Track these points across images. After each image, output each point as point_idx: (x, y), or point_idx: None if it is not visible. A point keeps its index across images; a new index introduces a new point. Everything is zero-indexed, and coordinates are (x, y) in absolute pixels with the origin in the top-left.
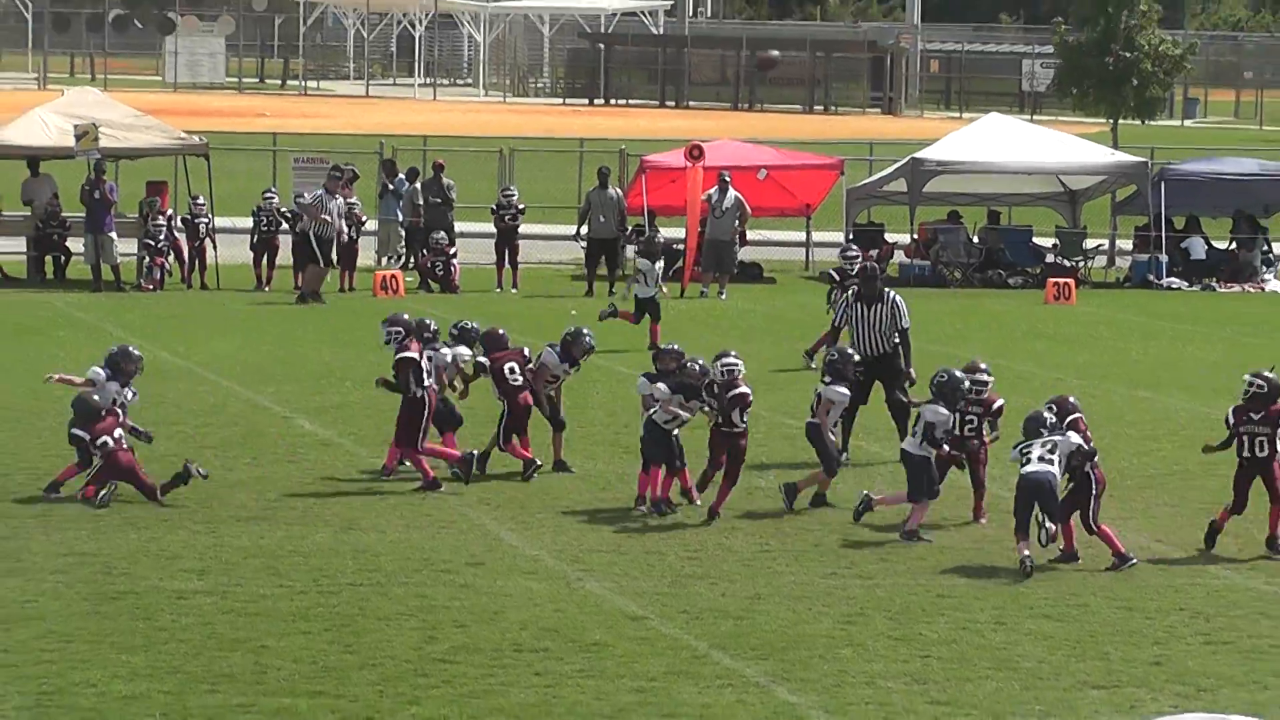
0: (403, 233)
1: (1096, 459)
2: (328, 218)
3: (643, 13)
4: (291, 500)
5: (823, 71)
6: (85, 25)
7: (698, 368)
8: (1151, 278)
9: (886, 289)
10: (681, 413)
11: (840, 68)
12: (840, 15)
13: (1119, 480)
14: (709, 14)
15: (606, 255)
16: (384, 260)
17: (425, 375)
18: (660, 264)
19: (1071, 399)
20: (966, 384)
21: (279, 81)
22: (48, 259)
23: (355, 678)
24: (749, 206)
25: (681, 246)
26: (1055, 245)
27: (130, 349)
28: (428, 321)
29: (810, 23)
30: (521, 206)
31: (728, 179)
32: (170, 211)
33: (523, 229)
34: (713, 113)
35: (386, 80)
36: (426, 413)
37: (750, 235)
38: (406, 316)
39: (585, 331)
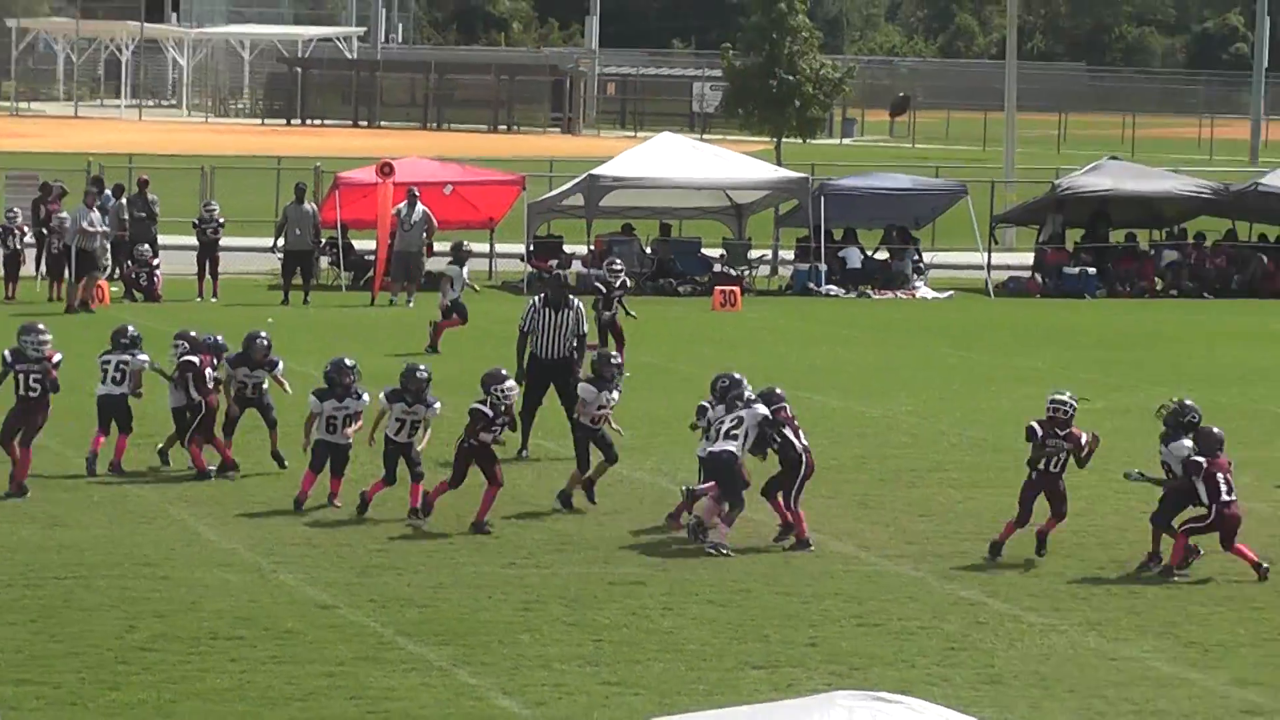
0: (108, 245)
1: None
2: (90, 228)
3: (337, 39)
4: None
5: (506, 94)
6: None
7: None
8: (811, 285)
9: (572, 296)
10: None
11: (523, 90)
12: (523, 41)
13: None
14: (400, 40)
15: (302, 266)
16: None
17: (206, 381)
18: (466, 270)
19: (778, 389)
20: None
21: None
22: None
23: (59, 665)
24: (436, 220)
25: (373, 258)
26: (722, 255)
27: None
28: (128, 328)
29: (495, 48)
30: (222, 220)
31: (416, 194)
32: None
33: (223, 242)
34: (403, 132)
35: (94, 102)
36: (204, 414)
37: (437, 247)
38: (193, 333)
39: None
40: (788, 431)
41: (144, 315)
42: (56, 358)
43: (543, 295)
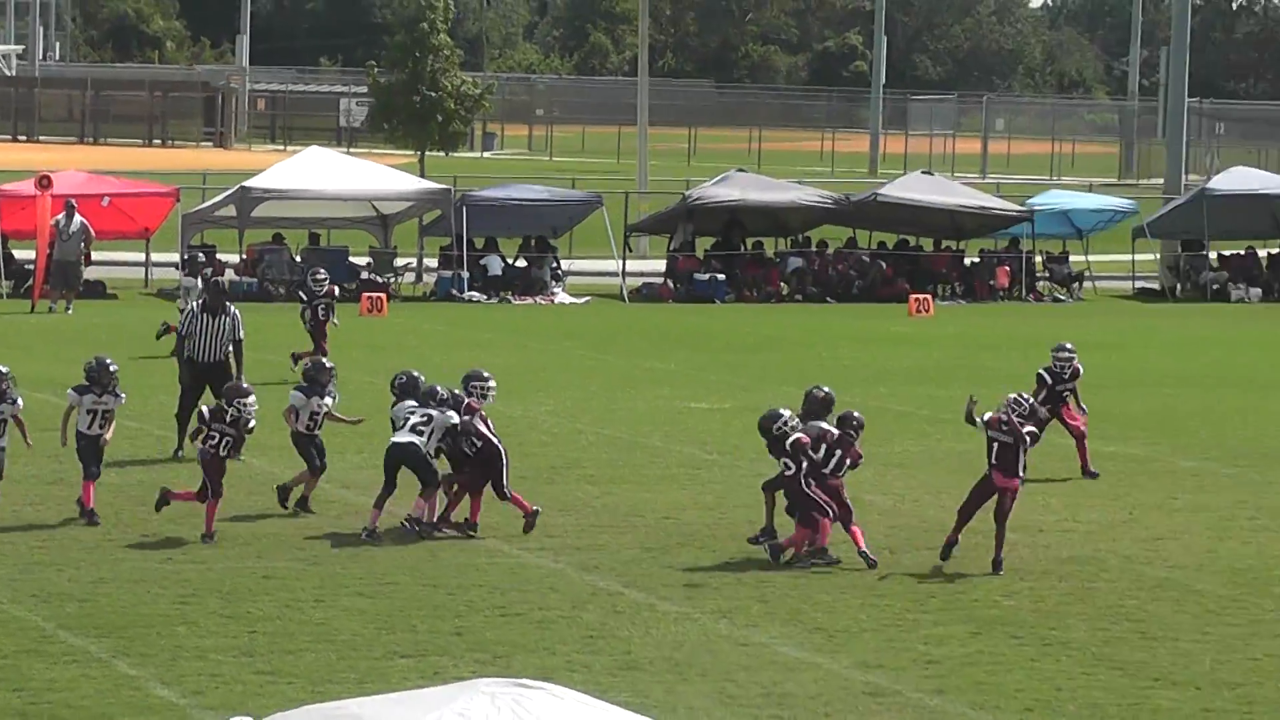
0: None
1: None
2: None
3: (0, 59)
4: None
5: (160, 109)
6: None
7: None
8: (455, 291)
9: (229, 303)
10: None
11: (176, 106)
12: (176, 59)
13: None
14: (57, 57)
15: None
16: None
17: None
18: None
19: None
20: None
21: None
22: None
23: None
24: (93, 230)
25: (33, 266)
26: (369, 264)
27: None
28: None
29: (149, 65)
30: None
31: (74, 205)
32: None
33: None
34: (61, 146)
35: None
36: None
37: (95, 255)
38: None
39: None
40: (482, 427)
41: None
42: None
43: (201, 301)
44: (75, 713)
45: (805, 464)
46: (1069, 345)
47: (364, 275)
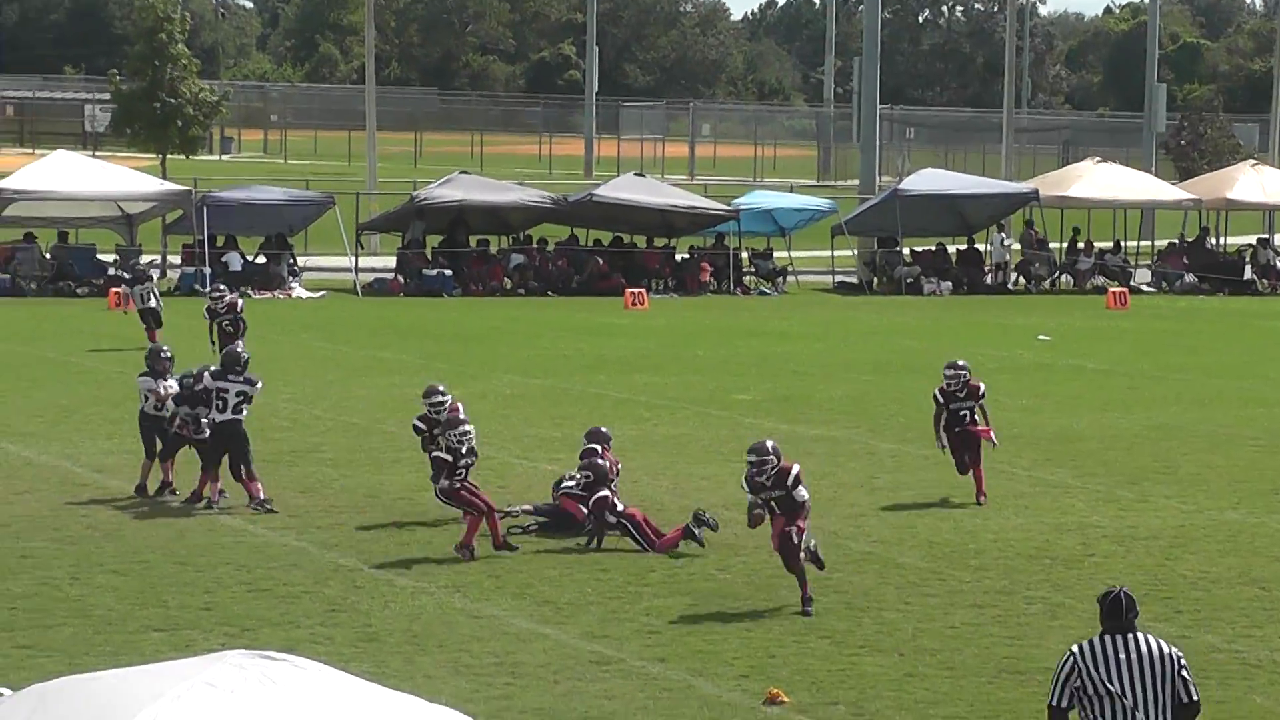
0: None
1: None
2: None
3: None
4: None
5: None
6: None
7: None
8: (197, 287)
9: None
10: None
11: None
12: None
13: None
14: None
15: None
16: None
17: None
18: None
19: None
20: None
21: None
22: None
23: None
24: None
25: None
26: (115, 260)
27: None
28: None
29: None
30: None
31: None
32: None
33: None
34: None
35: None
36: None
37: None
38: None
39: None
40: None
41: None
42: None
43: None
44: None
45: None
46: (960, 362)
47: (111, 271)
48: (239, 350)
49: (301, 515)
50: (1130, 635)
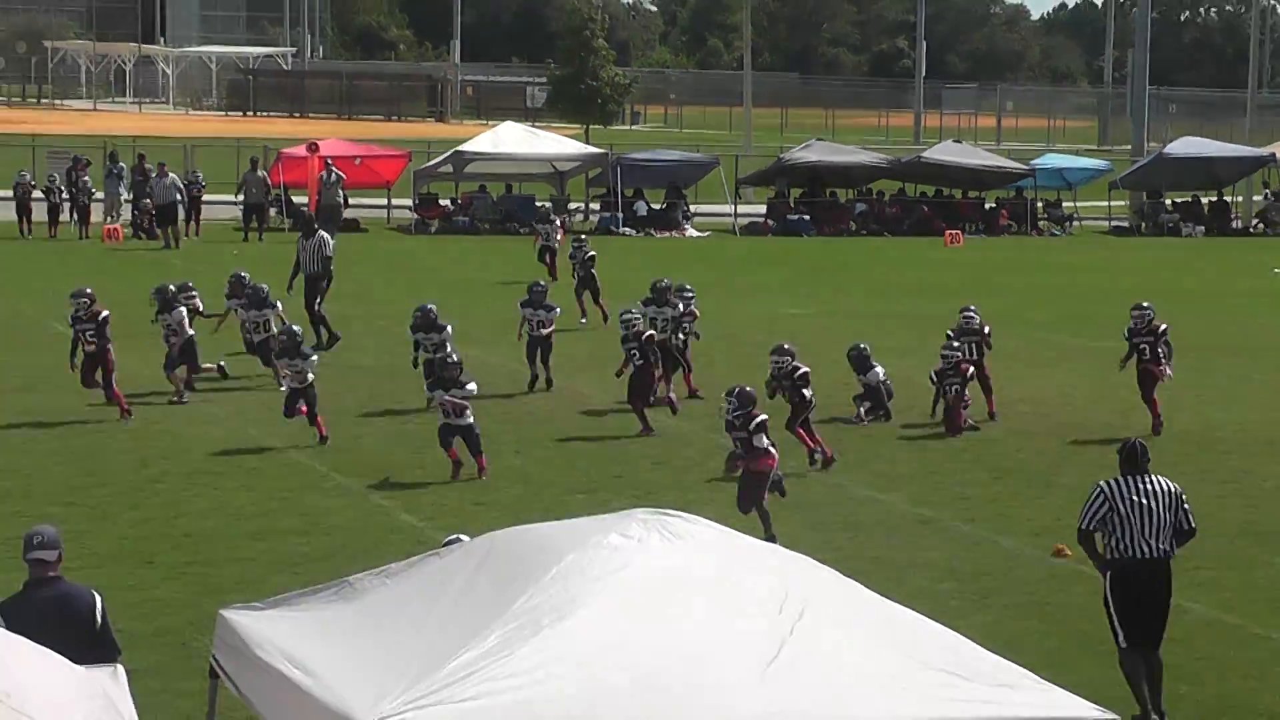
0: (123, 195)
1: None
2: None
3: (277, 56)
4: None
5: (396, 94)
6: None
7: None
8: (611, 228)
9: (318, 228)
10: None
11: (408, 92)
12: (407, 57)
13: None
14: (320, 55)
15: (256, 215)
16: (108, 218)
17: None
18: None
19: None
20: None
21: (35, 100)
22: None
23: (95, 493)
24: (346, 182)
25: (305, 208)
26: (549, 206)
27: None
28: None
29: (387, 61)
30: (203, 183)
31: (331, 163)
32: None
33: (204, 199)
34: (324, 121)
35: (107, 100)
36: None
37: (351, 200)
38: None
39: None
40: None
41: (169, 254)
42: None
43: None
44: (344, 531)
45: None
46: (1145, 304)
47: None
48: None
49: (687, 410)
50: (1145, 476)
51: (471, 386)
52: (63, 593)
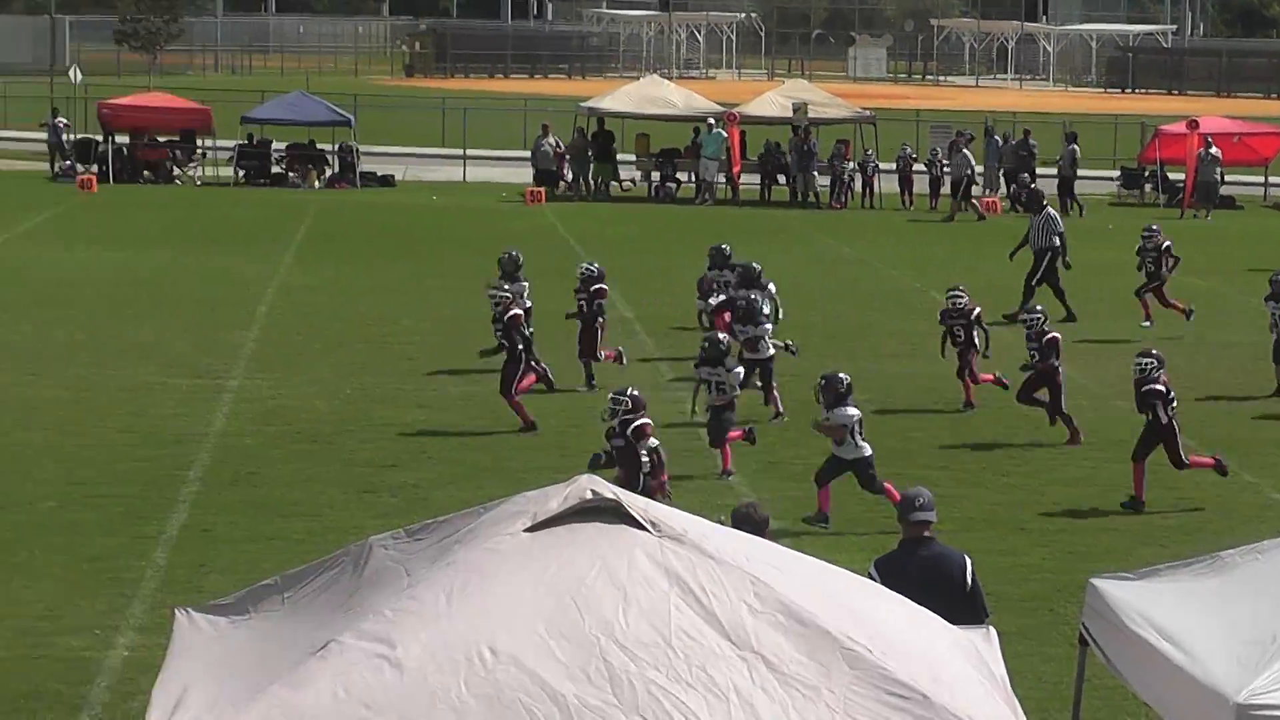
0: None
1: None
2: None
3: (1157, 34)
4: None
5: (1278, 71)
6: (797, 40)
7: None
8: None
9: (1045, 205)
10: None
11: None
12: None
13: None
14: (1201, 33)
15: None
16: (986, 191)
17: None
18: None
19: None
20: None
21: (920, 76)
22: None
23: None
24: (1222, 158)
25: (1181, 185)
26: None
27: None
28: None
29: (1269, 39)
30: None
31: (1210, 140)
32: (852, 163)
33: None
34: (1203, 99)
35: (989, 76)
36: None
37: (1227, 178)
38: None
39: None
40: None
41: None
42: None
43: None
44: (1212, 506)
45: None
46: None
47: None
48: None
49: None
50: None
51: None
52: (936, 553)
